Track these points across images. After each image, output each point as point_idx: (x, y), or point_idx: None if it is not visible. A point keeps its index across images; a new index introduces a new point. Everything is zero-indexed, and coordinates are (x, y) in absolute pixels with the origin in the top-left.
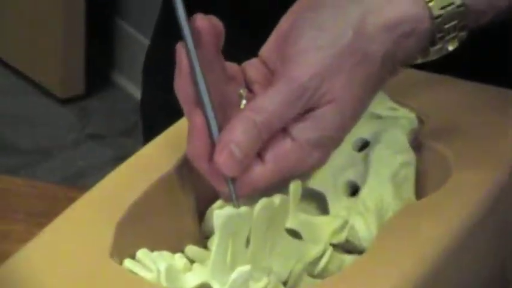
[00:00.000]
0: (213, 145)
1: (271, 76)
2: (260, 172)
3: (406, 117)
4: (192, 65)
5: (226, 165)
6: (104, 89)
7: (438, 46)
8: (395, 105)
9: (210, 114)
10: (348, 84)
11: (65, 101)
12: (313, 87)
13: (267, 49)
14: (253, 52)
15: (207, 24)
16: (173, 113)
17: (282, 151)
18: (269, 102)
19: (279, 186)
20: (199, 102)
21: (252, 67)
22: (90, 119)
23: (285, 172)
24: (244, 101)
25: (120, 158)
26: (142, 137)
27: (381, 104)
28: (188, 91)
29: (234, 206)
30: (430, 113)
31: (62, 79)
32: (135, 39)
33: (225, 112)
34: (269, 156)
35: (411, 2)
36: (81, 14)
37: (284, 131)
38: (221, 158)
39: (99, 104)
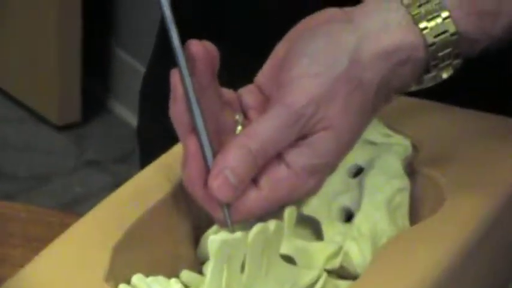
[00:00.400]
0: (207, 171)
1: (266, 102)
2: (255, 198)
3: (400, 143)
4: (186, 91)
5: (221, 191)
6: (100, 116)
7: (432, 74)
8: (389, 132)
9: (205, 140)
10: (344, 110)
11: (62, 128)
12: (308, 114)
13: (262, 75)
14: (248, 78)
15: (202, 49)
16: (170, 139)
17: (277, 178)
18: (264, 128)
19: (274, 212)
20: (194, 128)
21: (248, 93)
22: (86, 146)
23: (280, 199)
24: (239, 127)
25: (116, 184)
26: (139, 162)
27: (375, 131)
28: (183, 117)
29: (229, 231)
30: (424, 139)
31: (59, 106)
32: (131, 66)
33: (220, 138)
34: (264, 182)
35: (406, 30)
36: (77, 41)
37: (279, 157)
38: (215, 184)
39: (95, 131)
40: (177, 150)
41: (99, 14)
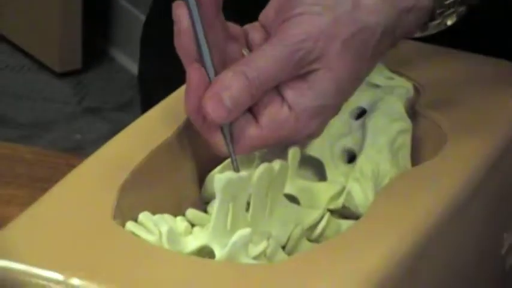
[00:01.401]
0: None
1: (267, 38)
2: (255, 135)
3: (403, 86)
4: (193, 22)
5: (215, 112)
6: (101, 64)
7: (437, 21)
8: (392, 75)
9: (210, 70)
10: (343, 52)
11: (62, 75)
12: (306, 48)
13: (265, 14)
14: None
15: None
16: (171, 84)
17: (279, 119)
18: (262, 58)
19: (276, 151)
20: (199, 59)
21: (254, 30)
22: (87, 93)
23: (280, 139)
24: None
25: (116, 132)
26: (140, 108)
27: (378, 73)
28: (189, 48)
29: (234, 170)
30: (426, 82)
31: (59, 53)
32: (131, 14)
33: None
34: (265, 121)
35: None
36: None
37: (282, 97)
38: (210, 104)
39: (96, 79)
40: (179, 93)
41: None
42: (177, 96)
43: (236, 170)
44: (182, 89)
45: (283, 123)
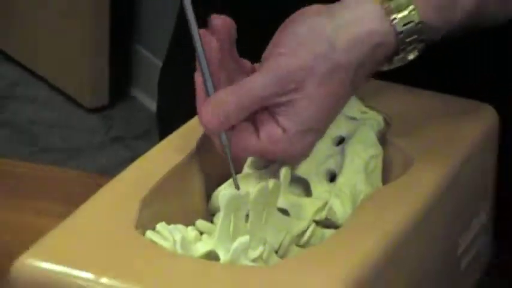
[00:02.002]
0: None
1: None
2: (254, 145)
3: (375, 119)
4: (199, 59)
5: (209, 122)
6: (124, 101)
7: (401, 56)
8: (366, 109)
9: (210, 87)
10: (321, 85)
11: (92, 110)
12: (286, 79)
13: (266, 53)
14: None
15: (221, 21)
16: (183, 119)
17: (275, 138)
18: (252, 82)
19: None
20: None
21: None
22: (112, 125)
23: (275, 154)
24: None
25: (135, 157)
26: (159, 138)
27: (355, 108)
28: (201, 92)
29: (236, 187)
30: (394, 115)
31: (90, 92)
32: (150, 60)
33: None
34: (263, 136)
35: (379, 21)
36: (106, 39)
37: (277, 121)
38: (207, 116)
39: (119, 113)
40: (188, 126)
41: (123, 16)
42: (187, 128)
43: (237, 187)
44: (190, 123)
45: (278, 142)
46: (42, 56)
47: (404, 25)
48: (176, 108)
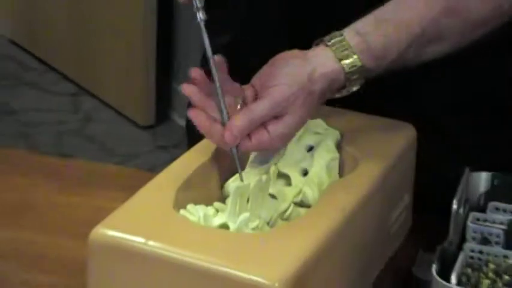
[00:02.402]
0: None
1: (256, 94)
2: (247, 146)
3: (333, 133)
4: (215, 86)
5: (229, 140)
6: (165, 122)
7: (347, 88)
8: (327, 127)
9: (225, 116)
10: (303, 105)
11: (143, 127)
12: (281, 105)
13: (255, 80)
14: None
15: (219, 60)
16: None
17: (261, 140)
18: (258, 107)
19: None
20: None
21: (247, 89)
22: (157, 138)
23: (262, 149)
24: (239, 106)
25: (174, 160)
26: (187, 145)
27: (320, 126)
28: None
29: (240, 180)
30: (345, 131)
31: (141, 114)
32: (185, 96)
33: (232, 110)
34: (254, 140)
35: (336, 64)
36: (153, 79)
37: (265, 127)
38: (227, 136)
39: (163, 130)
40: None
41: (165, 59)
42: (205, 141)
43: (241, 180)
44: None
45: (264, 142)
46: (109, 85)
47: (350, 68)
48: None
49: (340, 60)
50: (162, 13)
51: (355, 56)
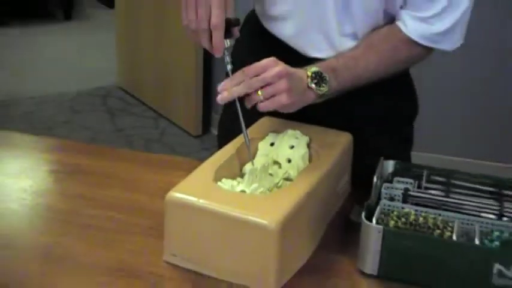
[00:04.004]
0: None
1: None
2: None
3: (304, 138)
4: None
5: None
6: (208, 133)
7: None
8: (300, 135)
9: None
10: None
11: (195, 136)
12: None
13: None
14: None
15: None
16: (232, 135)
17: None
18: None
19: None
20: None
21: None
22: (203, 144)
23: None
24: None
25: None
26: (217, 147)
27: (298, 133)
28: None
29: (252, 165)
30: (312, 137)
31: (194, 126)
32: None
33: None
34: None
35: (315, 90)
36: (200, 107)
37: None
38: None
39: (207, 139)
40: (233, 141)
41: (207, 92)
42: (232, 143)
43: (253, 164)
44: (233, 141)
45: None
46: (176, 111)
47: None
48: (226, 132)
49: (317, 88)
50: (205, 62)
51: (327, 86)
